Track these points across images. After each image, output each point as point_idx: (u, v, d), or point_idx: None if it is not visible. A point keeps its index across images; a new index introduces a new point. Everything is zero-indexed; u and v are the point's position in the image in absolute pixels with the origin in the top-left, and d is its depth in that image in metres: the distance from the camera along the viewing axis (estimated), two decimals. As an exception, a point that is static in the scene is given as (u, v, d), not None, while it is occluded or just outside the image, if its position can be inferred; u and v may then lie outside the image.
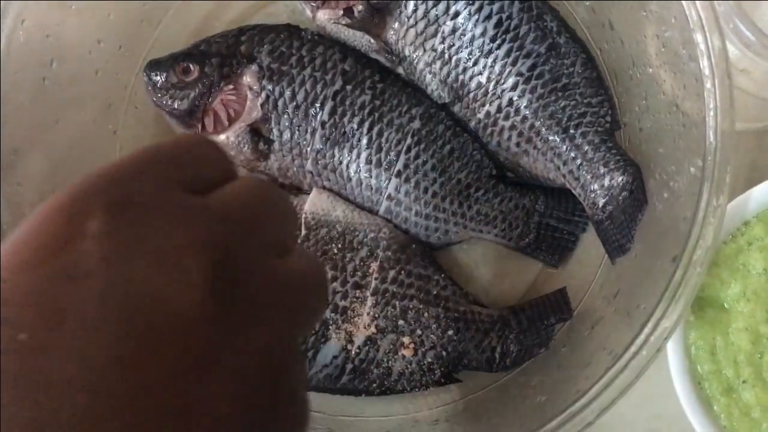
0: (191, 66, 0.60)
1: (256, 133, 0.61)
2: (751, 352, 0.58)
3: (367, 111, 0.60)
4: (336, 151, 0.60)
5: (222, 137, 0.61)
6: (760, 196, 0.59)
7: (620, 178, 0.57)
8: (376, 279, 0.58)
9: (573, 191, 0.60)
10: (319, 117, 0.60)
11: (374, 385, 0.59)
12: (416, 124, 0.61)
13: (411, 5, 0.60)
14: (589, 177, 0.59)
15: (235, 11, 0.68)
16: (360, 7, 0.60)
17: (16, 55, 0.52)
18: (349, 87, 0.60)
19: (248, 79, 0.61)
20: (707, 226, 0.46)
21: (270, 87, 0.60)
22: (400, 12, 0.61)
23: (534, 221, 0.63)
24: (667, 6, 0.50)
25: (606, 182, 0.58)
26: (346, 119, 0.60)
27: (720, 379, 0.58)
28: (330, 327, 0.57)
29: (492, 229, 0.63)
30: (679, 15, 0.49)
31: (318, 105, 0.60)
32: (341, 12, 0.61)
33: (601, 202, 0.58)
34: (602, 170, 0.58)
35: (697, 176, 0.48)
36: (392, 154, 0.60)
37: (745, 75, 0.55)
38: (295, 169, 0.62)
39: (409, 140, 0.61)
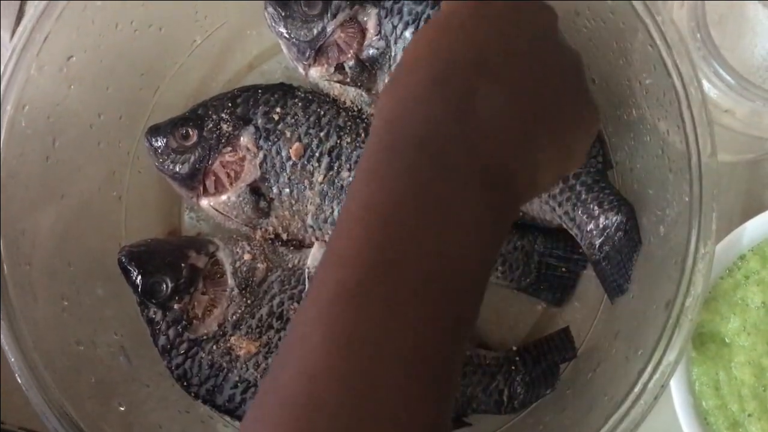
0: (190, 131, 0.62)
1: (256, 192, 0.62)
2: (754, 386, 0.58)
3: None
4: (335, 204, 0.61)
5: (223, 198, 0.62)
6: (755, 230, 0.60)
7: (614, 218, 0.58)
8: None
9: (570, 231, 0.61)
10: (316, 173, 0.61)
11: (384, 430, 0.60)
12: None
13: (399, 58, 0.61)
14: (584, 217, 0.59)
15: (230, 72, 0.70)
16: (351, 63, 0.62)
17: (18, 140, 0.54)
18: (344, 142, 0.62)
19: (245, 140, 0.62)
20: (696, 273, 0.47)
21: (266, 147, 0.62)
22: (389, 65, 0.62)
23: (534, 261, 0.64)
24: (646, 55, 0.51)
25: (601, 222, 0.59)
26: (343, 173, 0.61)
27: (725, 414, 0.59)
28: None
29: (493, 272, 0.64)
30: (657, 64, 0.50)
31: (315, 161, 0.61)
32: (332, 69, 0.63)
33: (597, 242, 0.59)
34: (596, 211, 0.59)
35: (684, 222, 0.49)
36: None
37: (730, 115, 0.56)
38: (296, 224, 0.63)
39: None
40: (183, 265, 0.58)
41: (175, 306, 0.58)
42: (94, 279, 0.59)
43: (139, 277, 0.57)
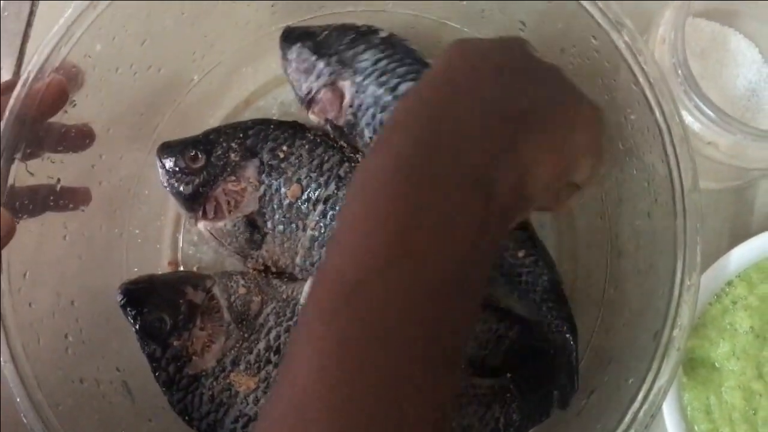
0: (199, 154, 0.63)
1: (252, 224, 0.64)
2: (745, 409, 0.60)
3: None
4: (323, 252, 0.62)
5: (220, 224, 0.64)
6: (741, 256, 0.62)
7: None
8: None
9: None
10: (310, 217, 0.62)
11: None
12: None
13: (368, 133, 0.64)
14: None
15: (227, 107, 0.71)
16: (342, 121, 0.64)
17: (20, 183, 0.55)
18: (341, 193, 0.63)
19: (249, 172, 0.63)
20: (682, 304, 0.48)
21: (268, 182, 0.63)
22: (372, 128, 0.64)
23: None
24: (630, 92, 0.52)
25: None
26: (335, 224, 0.62)
27: (717, 438, 0.60)
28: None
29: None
30: (640, 101, 0.51)
31: (310, 205, 0.62)
32: (323, 120, 0.65)
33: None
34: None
35: (670, 253, 0.50)
36: None
37: (713, 147, 0.58)
38: (284, 260, 0.64)
39: None
40: (181, 301, 0.59)
41: (175, 343, 0.58)
42: (96, 315, 0.60)
43: (139, 316, 0.58)
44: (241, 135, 0.64)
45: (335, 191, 0.63)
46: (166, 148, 0.64)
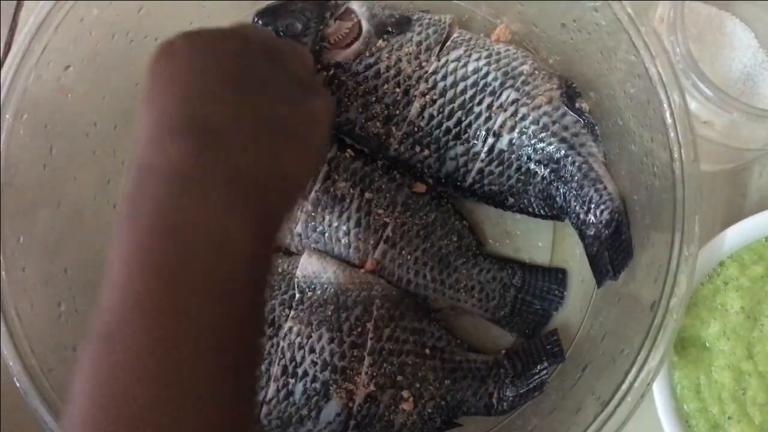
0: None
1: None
2: (734, 389, 0.60)
3: (359, 177, 0.63)
4: (326, 214, 0.62)
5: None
6: (733, 237, 0.62)
7: (605, 215, 0.59)
8: (371, 339, 0.59)
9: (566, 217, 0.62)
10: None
11: (378, 437, 0.61)
12: (405, 191, 0.64)
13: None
14: (577, 209, 0.60)
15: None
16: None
17: (16, 148, 0.55)
18: (341, 153, 0.63)
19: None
20: (680, 274, 0.48)
21: None
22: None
23: (510, 295, 0.65)
24: (630, 64, 0.53)
25: (591, 218, 0.59)
26: (339, 183, 0.62)
27: (706, 417, 0.60)
28: (330, 387, 0.59)
29: (469, 299, 0.64)
30: (641, 73, 0.52)
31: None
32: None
33: (590, 233, 0.60)
34: (588, 205, 0.60)
35: (668, 226, 0.50)
36: (381, 219, 0.63)
37: (709, 126, 0.58)
38: (282, 233, 0.64)
39: (399, 207, 0.63)
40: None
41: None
42: (89, 285, 0.60)
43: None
44: None
45: (337, 151, 0.64)
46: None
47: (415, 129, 0.61)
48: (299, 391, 0.59)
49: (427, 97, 0.60)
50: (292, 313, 0.60)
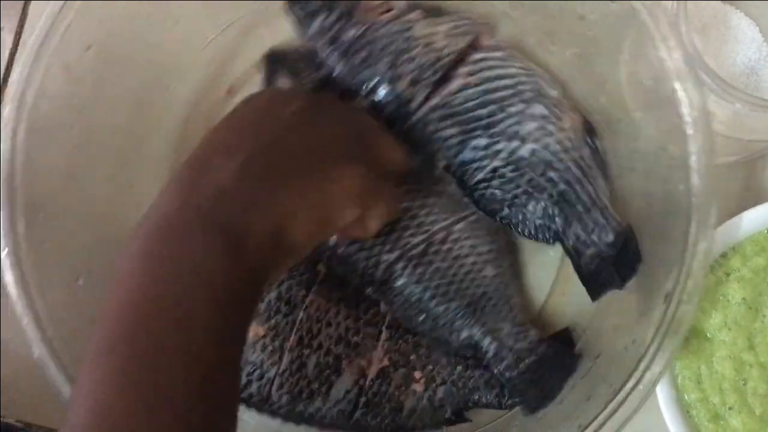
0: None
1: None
2: (735, 380, 0.60)
3: None
4: None
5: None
6: (736, 228, 0.62)
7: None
8: (390, 315, 0.61)
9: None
10: None
11: (386, 421, 0.60)
12: None
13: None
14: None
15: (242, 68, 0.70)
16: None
17: (41, 123, 0.55)
18: None
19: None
20: (695, 264, 0.48)
21: None
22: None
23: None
24: (646, 57, 0.53)
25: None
26: None
27: (707, 407, 0.60)
28: (343, 361, 0.59)
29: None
30: (657, 64, 0.52)
31: None
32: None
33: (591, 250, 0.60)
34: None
35: (684, 217, 0.50)
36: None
37: (712, 118, 0.58)
38: None
39: None
40: None
41: None
42: (107, 264, 0.59)
43: None
44: None
45: None
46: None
47: (447, 104, 0.60)
48: (312, 363, 0.59)
49: (471, 78, 0.59)
50: (315, 287, 0.61)
